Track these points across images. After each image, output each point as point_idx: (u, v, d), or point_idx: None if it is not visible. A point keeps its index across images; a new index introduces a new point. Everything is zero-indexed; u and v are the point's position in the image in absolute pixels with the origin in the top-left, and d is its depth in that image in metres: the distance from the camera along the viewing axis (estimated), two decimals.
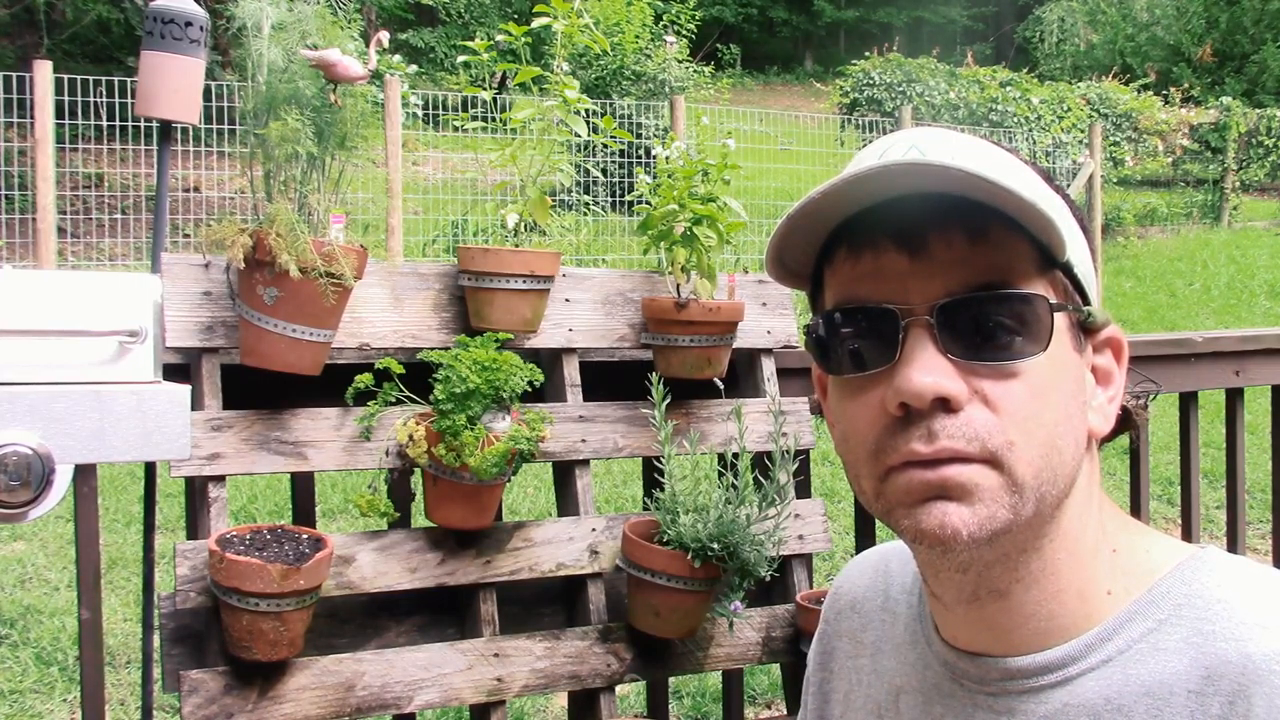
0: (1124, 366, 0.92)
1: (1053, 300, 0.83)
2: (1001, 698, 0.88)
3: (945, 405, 0.80)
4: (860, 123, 13.21)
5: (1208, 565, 0.87)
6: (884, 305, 0.83)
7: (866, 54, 15.17)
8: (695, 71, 13.50)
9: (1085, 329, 0.88)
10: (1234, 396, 2.96)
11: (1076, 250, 0.87)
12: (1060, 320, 0.84)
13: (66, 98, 8.78)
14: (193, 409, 1.66)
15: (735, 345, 2.26)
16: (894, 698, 0.98)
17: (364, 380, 1.98)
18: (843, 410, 0.88)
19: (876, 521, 2.70)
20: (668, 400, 2.08)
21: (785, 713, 2.36)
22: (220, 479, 1.90)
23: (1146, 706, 0.82)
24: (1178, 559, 0.88)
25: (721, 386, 2.20)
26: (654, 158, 2.24)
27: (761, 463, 2.23)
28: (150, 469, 2.27)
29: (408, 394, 2.00)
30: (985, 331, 0.81)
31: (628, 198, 10.00)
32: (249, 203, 2.08)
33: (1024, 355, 0.81)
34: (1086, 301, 0.88)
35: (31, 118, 8.17)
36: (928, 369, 0.80)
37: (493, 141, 2.83)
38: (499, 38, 2.28)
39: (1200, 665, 0.81)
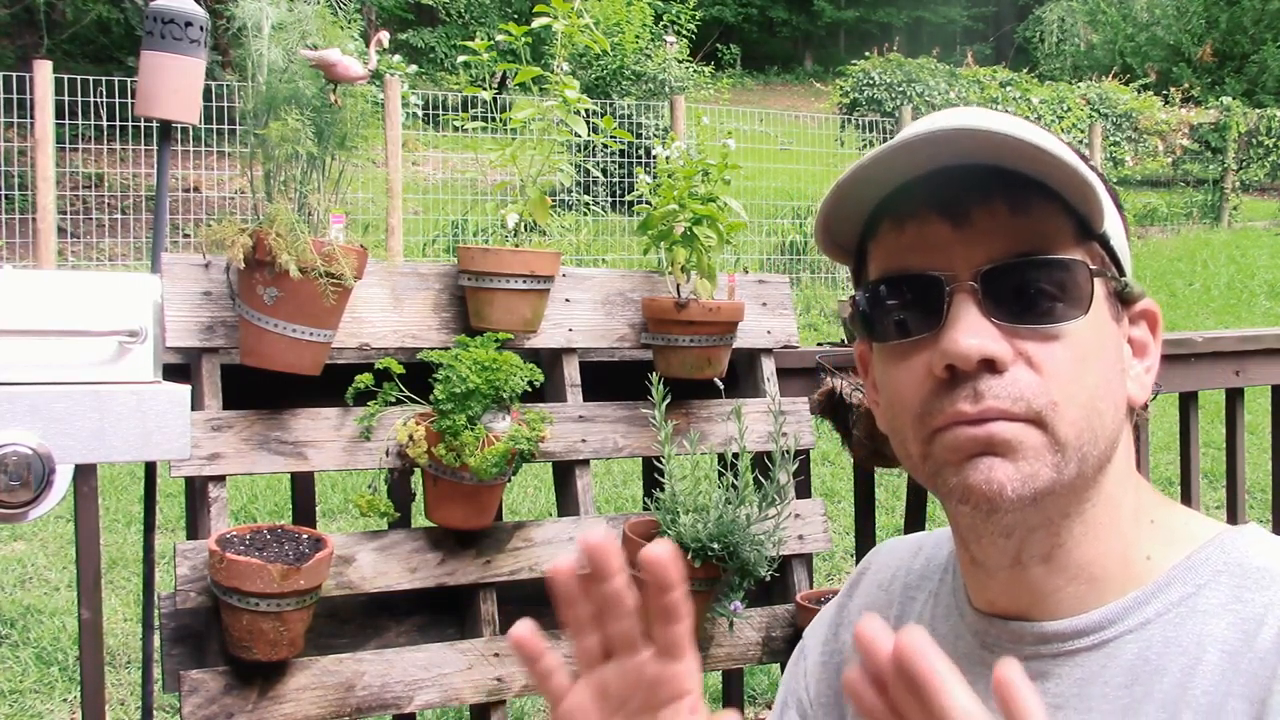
0: (1159, 339, 0.93)
1: (1092, 267, 0.85)
2: (1034, 661, 0.88)
3: (990, 366, 0.82)
4: (860, 123, 13.21)
5: (1247, 537, 0.88)
6: (929, 273, 0.85)
7: (866, 54, 15.18)
8: (695, 71, 13.50)
9: (1122, 299, 0.90)
10: (1234, 396, 2.96)
11: (1112, 223, 0.89)
12: (1099, 287, 0.86)
13: (66, 98, 8.78)
14: (193, 409, 1.66)
15: (735, 345, 2.26)
16: None
17: (364, 380, 1.98)
18: (888, 377, 0.89)
19: (877, 522, 2.70)
20: (668, 400, 2.08)
21: None
22: (220, 479, 1.90)
23: (1181, 665, 0.82)
24: (1218, 530, 0.90)
25: (721, 386, 2.20)
26: (654, 158, 2.24)
27: (761, 463, 2.23)
28: (150, 469, 2.27)
29: (408, 394, 2.00)
30: (1028, 297, 0.83)
31: (628, 198, 10.00)
32: (249, 203, 2.08)
33: (1066, 319, 0.83)
34: (1122, 273, 0.90)
35: (31, 118, 8.17)
36: (973, 331, 0.82)
37: (493, 141, 2.83)
38: (499, 38, 2.28)
39: (1238, 629, 0.82)
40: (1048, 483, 0.83)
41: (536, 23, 2.20)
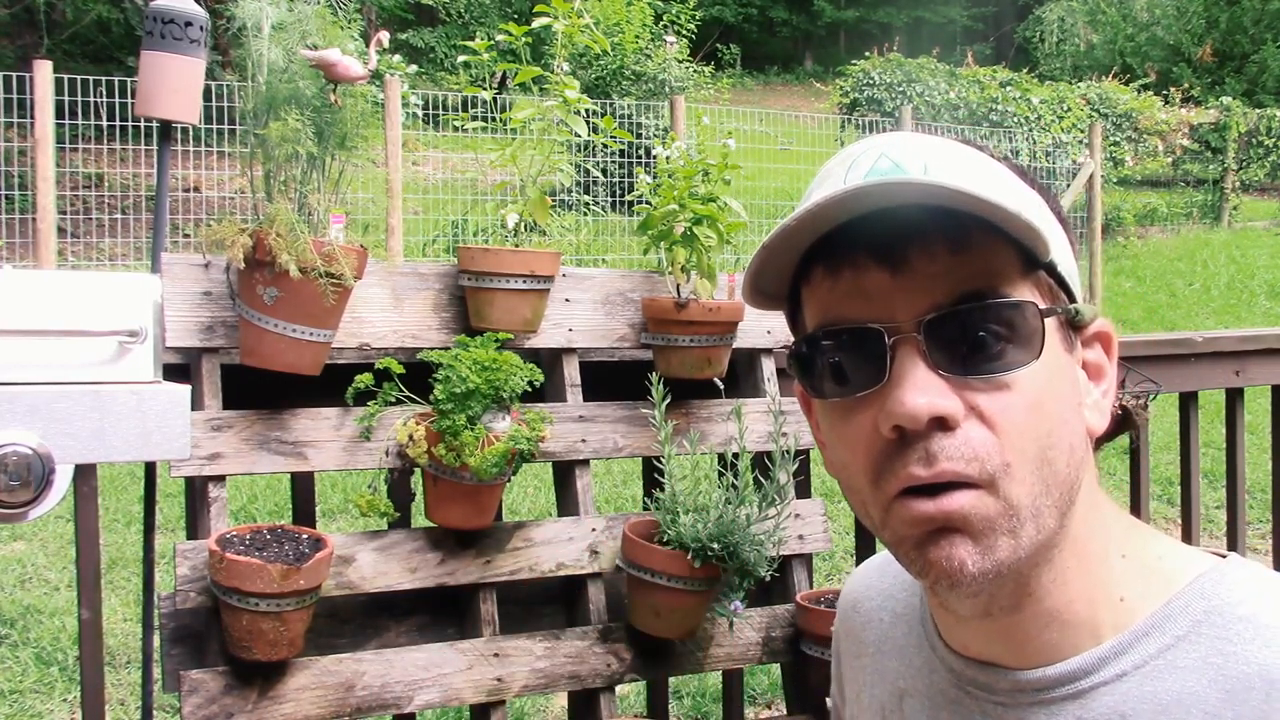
0: (1114, 358, 0.90)
1: (1042, 306, 0.81)
2: (1011, 709, 0.87)
3: (941, 424, 0.78)
4: (860, 123, 13.20)
5: (1229, 579, 0.84)
6: (869, 325, 0.80)
7: (866, 54, 15.17)
8: (695, 71, 13.51)
9: (1074, 326, 0.86)
10: (1234, 396, 2.96)
11: (1059, 248, 0.85)
12: (1050, 324, 0.82)
13: (66, 98, 8.77)
14: (193, 409, 1.66)
15: (735, 345, 2.26)
16: (898, 700, 0.97)
17: (364, 380, 1.98)
18: (835, 434, 0.85)
19: None
20: (668, 400, 2.08)
21: (785, 713, 2.36)
22: (220, 479, 1.90)
23: None
24: (1197, 568, 0.86)
25: (721, 386, 2.20)
26: (654, 158, 2.24)
27: (761, 463, 2.23)
28: (150, 469, 2.27)
29: (408, 394, 2.00)
30: (975, 343, 0.79)
31: (628, 198, 10.00)
32: (249, 203, 2.08)
33: (1017, 365, 0.79)
34: (1072, 299, 0.86)
35: (31, 118, 8.17)
36: (920, 389, 0.78)
37: (493, 141, 2.83)
38: (499, 38, 2.28)
39: (1220, 687, 0.79)
40: (1008, 550, 0.79)
41: (536, 23, 2.20)
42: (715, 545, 1.99)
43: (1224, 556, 0.88)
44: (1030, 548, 0.81)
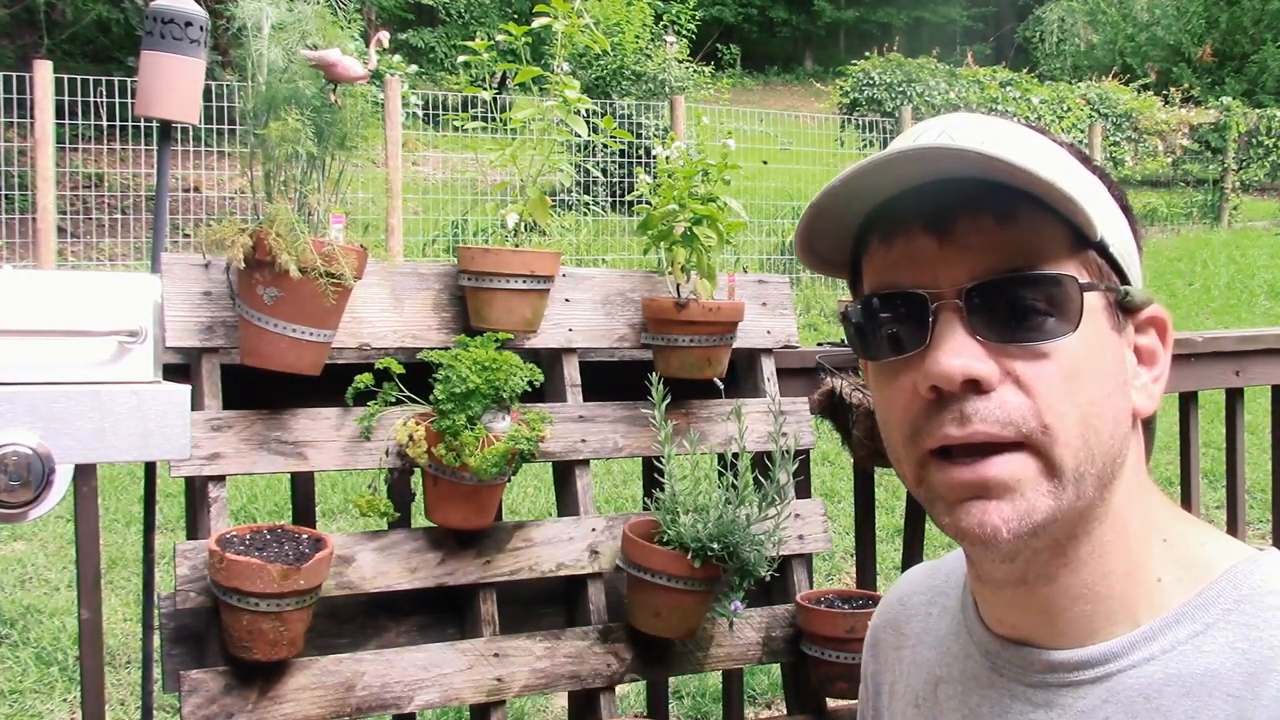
0: (1169, 345, 0.91)
1: (1083, 280, 0.83)
2: (1041, 690, 0.87)
3: (976, 387, 0.80)
4: (860, 123, 13.20)
5: (1264, 568, 0.85)
6: (914, 290, 0.83)
7: (866, 54, 15.17)
8: (695, 71, 13.50)
9: (1125, 308, 0.87)
10: (1234, 396, 2.96)
11: (1112, 230, 0.87)
12: (1093, 300, 0.83)
13: (66, 98, 8.77)
14: (193, 409, 1.66)
15: (735, 345, 2.26)
16: (933, 688, 0.98)
17: (364, 380, 1.98)
18: (880, 395, 0.88)
19: (877, 522, 2.70)
20: (668, 400, 2.08)
21: (785, 713, 2.36)
22: (220, 479, 1.90)
23: (1185, 708, 0.81)
24: (1233, 559, 0.86)
25: (721, 386, 2.20)
26: (654, 158, 2.24)
27: (761, 463, 2.23)
28: (150, 469, 2.27)
29: (408, 394, 2.00)
30: (1015, 313, 0.81)
31: (628, 198, 10.00)
32: (249, 203, 2.08)
33: (1054, 335, 0.81)
34: (1125, 281, 0.87)
35: (31, 118, 8.17)
36: (957, 351, 0.80)
37: (493, 141, 2.83)
38: (499, 38, 2.28)
39: (1243, 670, 0.80)
40: (1046, 513, 0.81)
41: (536, 23, 2.20)
42: (715, 545, 1.99)
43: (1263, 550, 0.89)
44: (1069, 513, 0.82)
